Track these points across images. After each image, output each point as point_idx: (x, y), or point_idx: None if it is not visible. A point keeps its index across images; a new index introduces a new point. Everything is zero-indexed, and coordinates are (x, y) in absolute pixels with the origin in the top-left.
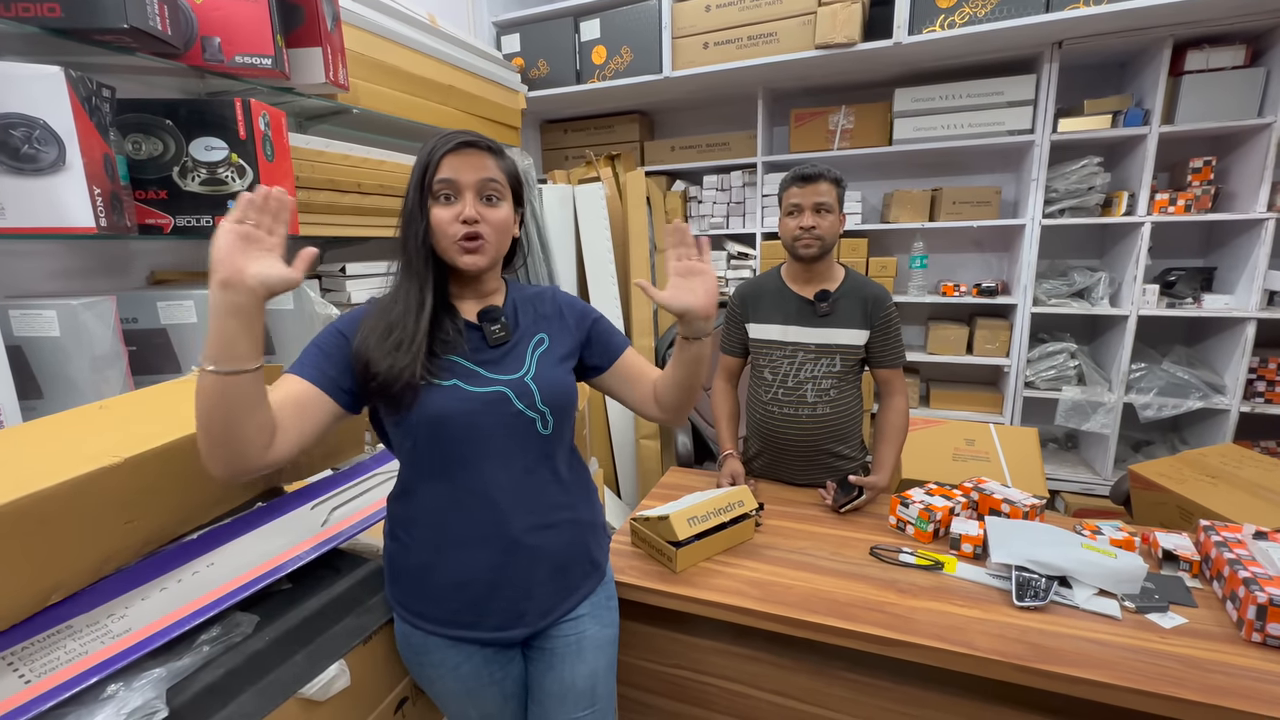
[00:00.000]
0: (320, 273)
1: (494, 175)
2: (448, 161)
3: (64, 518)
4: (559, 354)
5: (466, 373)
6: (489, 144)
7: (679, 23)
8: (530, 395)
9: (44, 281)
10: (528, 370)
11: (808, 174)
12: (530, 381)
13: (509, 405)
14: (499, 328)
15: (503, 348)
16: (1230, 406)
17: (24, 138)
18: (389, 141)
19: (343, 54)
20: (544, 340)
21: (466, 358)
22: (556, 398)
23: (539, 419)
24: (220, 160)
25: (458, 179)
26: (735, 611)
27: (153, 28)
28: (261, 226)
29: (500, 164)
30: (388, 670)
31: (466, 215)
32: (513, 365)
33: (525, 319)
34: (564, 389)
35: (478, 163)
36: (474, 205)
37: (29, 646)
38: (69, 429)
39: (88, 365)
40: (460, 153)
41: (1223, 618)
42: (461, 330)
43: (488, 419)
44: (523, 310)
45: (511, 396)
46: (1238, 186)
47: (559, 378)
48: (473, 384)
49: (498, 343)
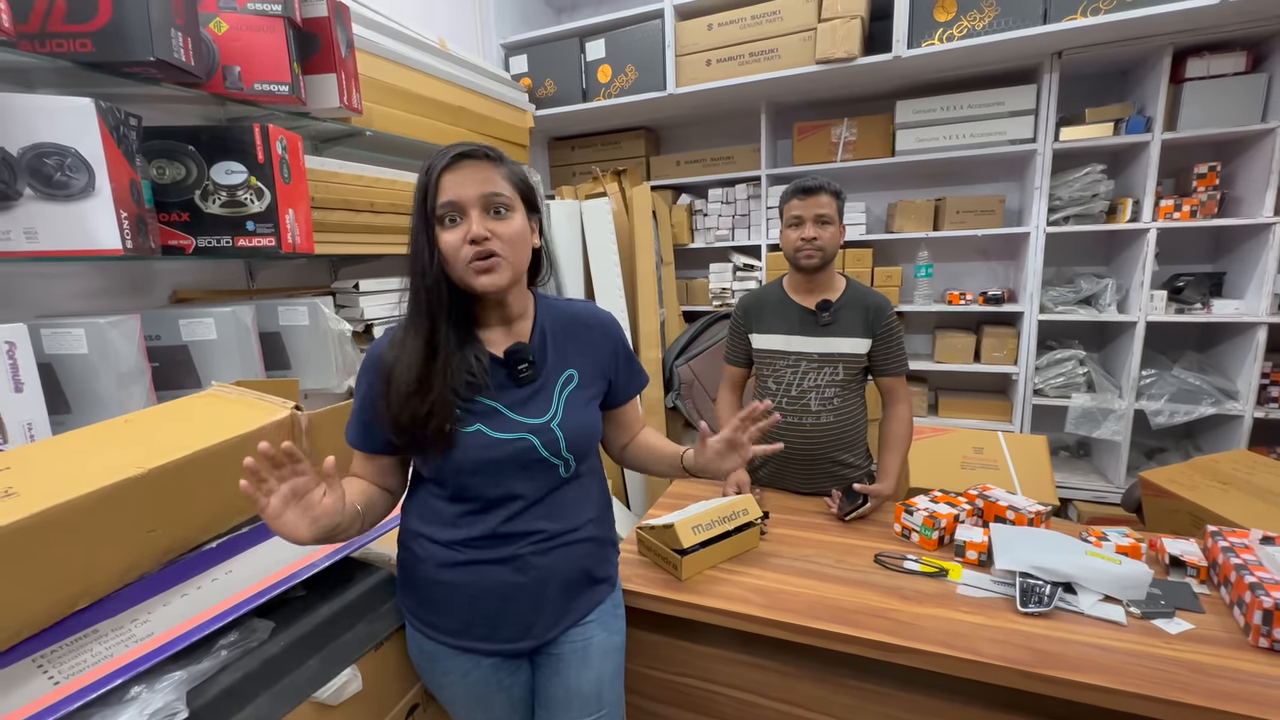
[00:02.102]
0: (335, 289)
1: (498, 188)
2: (447, 180)
3: (91, 527)
4: (588, 393)
5: (491, 415)
6: (487, 152)
7: (682, 41)
8: (556, 444)
9: (72, 301)
10: (554, 415)
11: (808, 186)
12: (556, 428)
13: (534, 452)
14: (526, 367)
15: (530, 386)
16: (1244, 412)
17: (56, 166)
18: (401, 161)
19: (356, 79)
20: (573, 378)
21: (490, 397)
22: (581, 444)
23: (562, 465)
24: (240, 183)
25: (459, 198)
26: (740, 619)
27: (177, 59)
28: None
29: (504, 172)
30: (399, 676)
31: (474, 234)
32: (539, 408)
33: (555, 351)
34: (589, 432)
35: (479, 175)
36: (481, 222)
37: (58, 650)
38: (95, 442)
39: (113, 381)
40: (459, 167)
41: (1229, 623)
42: (487, 369)
43: (510, 465)
44: (553, 339)
45: (537, 445)
46: (1244, 191)
47: (585, 421)
48: (497, 429)
49: (525, 381)
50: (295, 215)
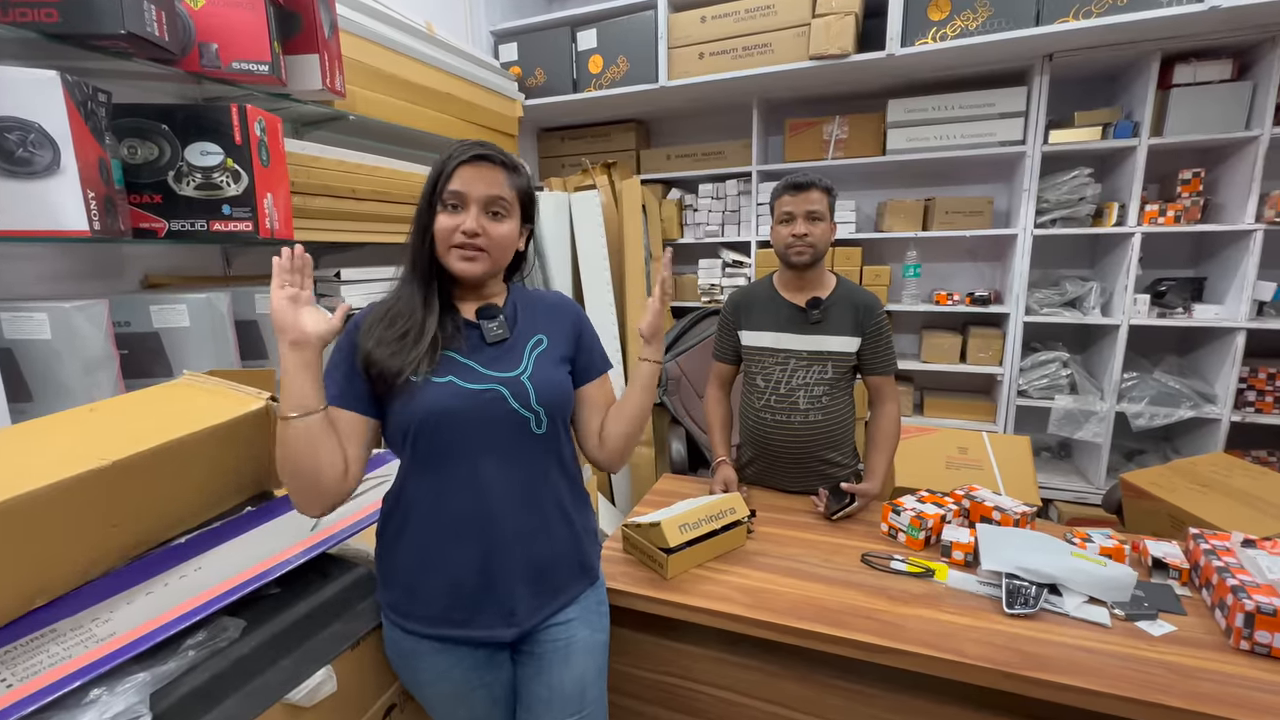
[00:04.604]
0: (316, 278)
1: (503, 193)
2: (460, 173)
3: (50, 520)
4: (556, 355)
5: (463, 369)
6: (504, 159)
7: (675, 33)
8: (525, 395)
9: (36, 284)
10: (524, 369)
11: (799, 183)
12: (526, 381)
13: (504, 404)
14: (497, 325)
15: (501, 346)
16: (1221, 416)
17: (19, 141)
18: (385, 148)
19: (340, 61)
20: (542, 341)
21: (464, 354)
22: (552, 398)
23: (533, 418)
24: (216, 165)
25: (466, 192)
26: (726, 618)
27: (150, 33)
28: (295, 284)
29: (512, 180)
30: (375, 676)
31: (467, 228)
32: (510, 363)
33: (525, 319)
34: (560, 390)
35: (490, 177)
36: (477, 218)
37: (12, 650)
38: (58, 432)
39: (79, 368)
40: (474, 165)
41: (1211, 625)
42: (460, 327)
43: (482, 416)
44: (523, 311)
45: (506, 395)
46: (1226, 198)
47: (555, 378)
48: (468, 380)
49: (496, 341)
50: (274, 200)
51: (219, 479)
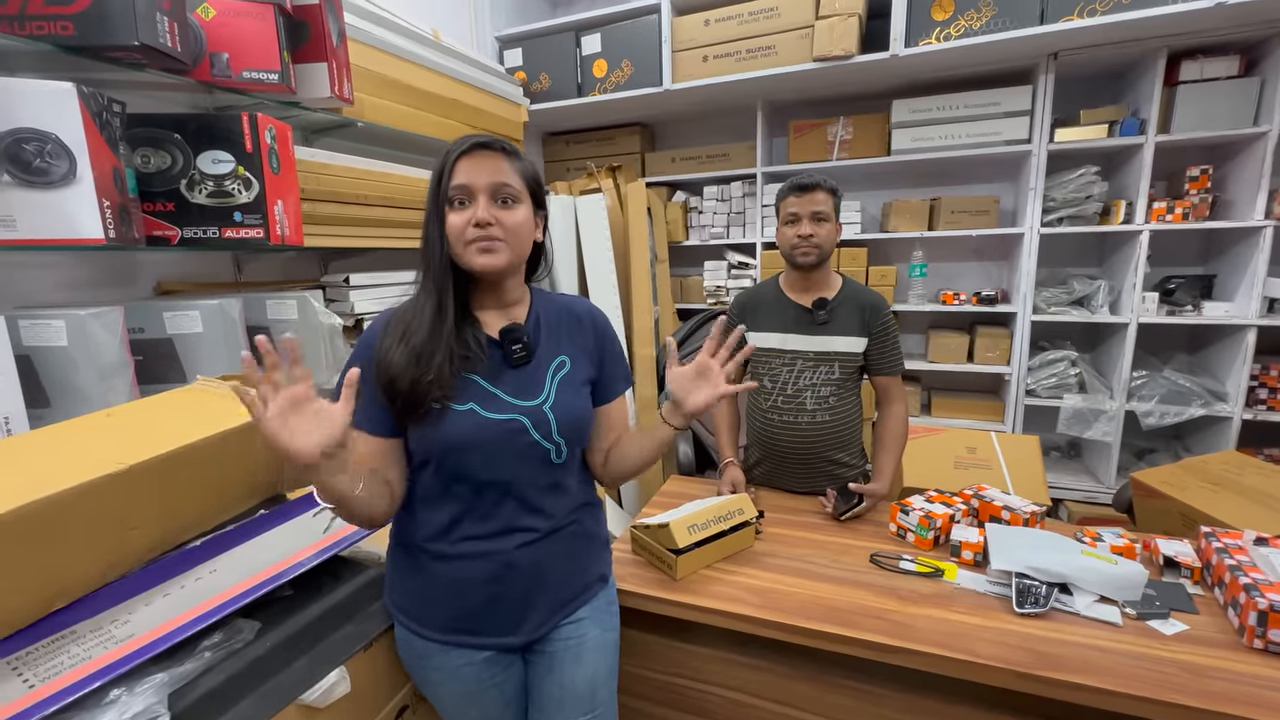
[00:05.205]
0: (324, 283)
1: (508, 179)
2: (461, 166)
3: (69, 524)
4: (579, 379)
5: (484, 395)
6: (503, 145)
7: (678, 36)
8: (547, 426)
9: (52, 292)
10: (546, 398)
11: (804, 184)
12: (549, 411)
13: (525, 435)
14: (520, 348)
15: (523, 369)
16: (1233, 414)
17: (36, 151)
18: (393, 154)
19: (348, 69)
20: (565, 364)
21: (485, 377)
22: (573, 429)
23: (553, 449)
24: (227, 173)
25: (471, 183)
26: (735, 619)
27: (163, 45)
28: (274, 393)
29: (516, 166)
30: (388, 677)
31: (479, 218)
32: (532, 390)
33: (548, 337)
34: (581, 418)
35: (492, 165)
36: (487, 208)
37: (33, 652)
38: (75, 437)
39: (95, 374)
40: (474, 156)
41: (1224, 624)
42: (484, 346)
43: (502, 447)
44: (546, 326)
45: (528, 425)
46: (1235, 194)
47: (578, 406)
48: (490, 409)
49: (519, 363)
50: (284, 206)
51: (233, 482)
